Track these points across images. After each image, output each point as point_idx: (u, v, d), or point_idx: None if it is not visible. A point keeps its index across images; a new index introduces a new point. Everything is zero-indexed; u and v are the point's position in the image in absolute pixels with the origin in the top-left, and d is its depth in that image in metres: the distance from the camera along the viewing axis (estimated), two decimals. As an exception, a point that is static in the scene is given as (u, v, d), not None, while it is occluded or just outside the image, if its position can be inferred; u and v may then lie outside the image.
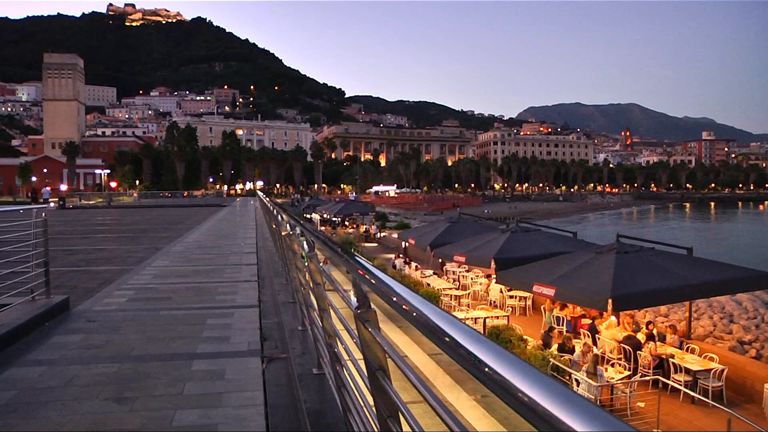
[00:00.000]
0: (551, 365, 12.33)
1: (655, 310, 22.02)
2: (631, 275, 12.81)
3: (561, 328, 17.21)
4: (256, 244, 19.79)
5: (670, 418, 11.66)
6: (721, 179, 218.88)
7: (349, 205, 61.03)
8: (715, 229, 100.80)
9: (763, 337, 19.91)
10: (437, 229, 25.42)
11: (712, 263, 15.16)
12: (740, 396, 13.23)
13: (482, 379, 1.14)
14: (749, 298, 24.71)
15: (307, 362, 6.00)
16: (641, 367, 13.90)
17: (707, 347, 15.41)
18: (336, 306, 3.96)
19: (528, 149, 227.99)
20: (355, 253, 2.97)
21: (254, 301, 9.81)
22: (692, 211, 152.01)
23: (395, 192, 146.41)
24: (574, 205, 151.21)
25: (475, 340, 1.27)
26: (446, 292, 21.82)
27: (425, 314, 1.58)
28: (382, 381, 2.13)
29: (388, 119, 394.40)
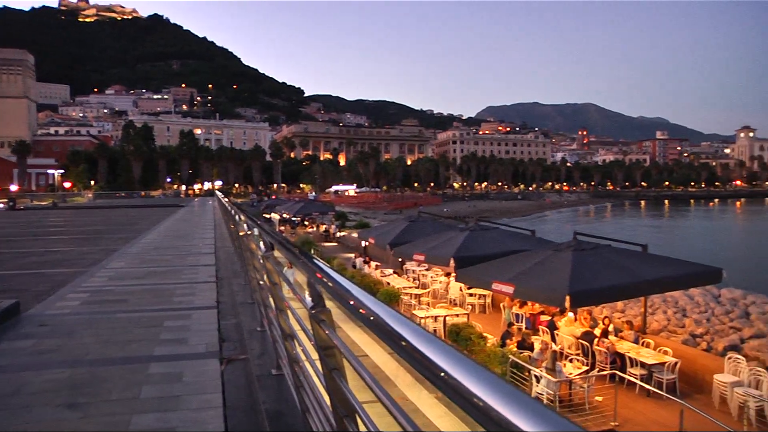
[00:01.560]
0: (511, 362, 12.45)
1: (611, 306, 22.40)
2: (588, 272, 13.00)
3: (520, 325, 17.40)
4: (214, 244, 19.57)
5: (627, 411, 11.89)
6: (674, 177, 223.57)
7: (308, 204, 60.92)
8: (669, 226, 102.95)
9: (713, 330, 20.42)
10: (397, 228, 25.47)
11: (666, 259, 15.48)
12: (692, 387, 13.59)
13: (438, 383, 1.14)
14: (701, 292, 25.28)
15: (266, 363, 5.96)
16: (598, 362, 14.13)
17: (661, 341, 15.74)
18: (293, 306, 3.93)
19: (487, 148, 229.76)
20: (312, 255, 2.95)
21: (212, 302, 9.69)
22: (647, 208, 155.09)
23: (355, 191, 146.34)
24: (532, 203, 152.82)
25: (431, 344, 1.26)
26: (406, 291, 21.88)
27: (382, 318, 1.57)
28: (337, 381, 2.12)
29: (347, 118, 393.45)
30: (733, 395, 12.08)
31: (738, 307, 23.52)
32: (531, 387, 11.94)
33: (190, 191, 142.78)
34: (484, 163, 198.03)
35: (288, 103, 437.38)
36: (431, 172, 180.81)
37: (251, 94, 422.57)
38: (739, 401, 11.90)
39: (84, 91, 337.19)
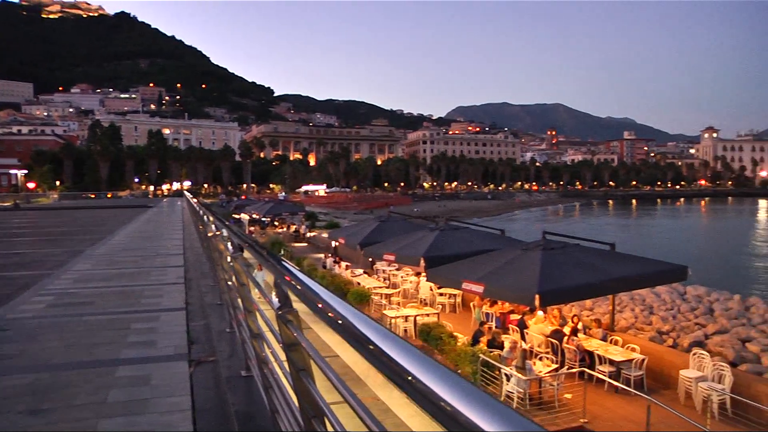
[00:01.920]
0: (481, 361, 12.50)
1: (580, 304, 22.63)
2: (557, 271, 13.11)
3: (490, 324, 17.47)
4: (183, 245, 19.36)
5: (596, 408, 12.03)
6: (641, 177, 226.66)
7: (278, 205, 60.64)
8: (637, 225, 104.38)
9: (679, 327, 20.75)
10: (367, 228, 25.46)
11: (633, 258, 15.68)
12: (659, 383, 13.85)
13: (405, 387, 1.13)
14: (667, 290, 25.69)
15: (235, 364, 5.91)
16: (568, 360, 14.27)
17: (629, 338, 15.96)
18: (262, 307, 3.90)
19: (457, 148, 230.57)
20: (280, 257, 2.92)
21: (181, 303, 9.58)
22: (615, 208, 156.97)
23: (325, 191, 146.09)
24: (501, 203, 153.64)
25: (399, 348, 1.25)
26: (376, 290, 21.88)
27: (350, 321, 1.55)
28: (305, 381, 2.10)
29: (317, 118, 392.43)
30: (698, 390, 12.35)
31: (703, 304, 23.95)
32: (501, 385, 12.00)
33: (158, 192, 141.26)
34: (454, 163, 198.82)
35: (257, 103, 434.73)
36: (401, 172, 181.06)
37: (220, 93, 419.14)
38: (703, 395, 12.17)
39: (48, 89, 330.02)
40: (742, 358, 16.96)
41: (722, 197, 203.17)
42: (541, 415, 11.67)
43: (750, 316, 22.15)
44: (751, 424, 11.07)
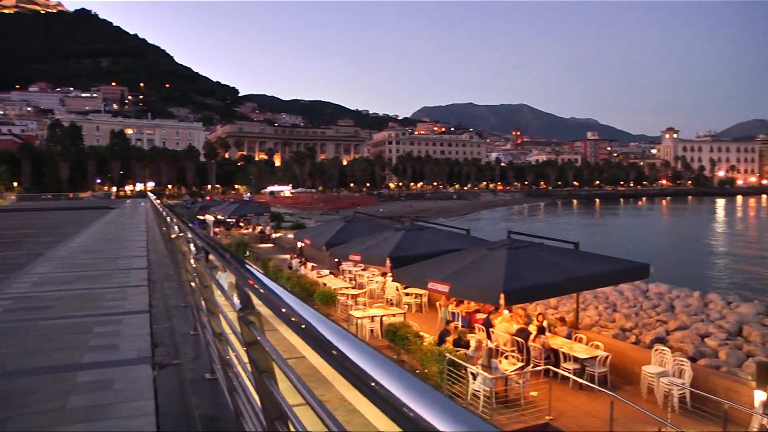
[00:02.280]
0: (447, 360, 12.55)
1: (545, 303, 22.87)
2: (521, 270, 13.22)
3: (456, 324, 17.55)
4: (146, 247, 19.11)
5: (561, 405, 12.17)
6: (605, 177, 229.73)
7: (243, 205, 60.13)
8: (600, 224, 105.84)
9: (642, 324, 21.11)
10: (333, 228, 25.39)
11: (596, 257, 15.88)
12: (622, 379, 14.10)
13: (368, 393, 1.12)
14: (630, 288, 26.11)
15: (199, 367, 5.85)
16: (533, 358, 14.41)
17: (593, 336, 16.18)
18: (225, 309, 3.86)
19: (422, 148, 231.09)
20: (243, 258, 2.89)
21: (144, 306, 9.45)
22: (579, 207, 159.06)
23: (290, 192, 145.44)
24: (467, 203, 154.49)
25: (362, 352, 1.24)
26: (342, 291, 21.84)
27: (313, 326, 1.54)
28: (267, 383, 2.08)
29: (282, 118, 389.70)
30: (659, 385, 12.62)
31: (664, 301, 24.39)
32: (468, 384, 12.07)
33: (121, 193, 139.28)
34: (420, 163, 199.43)
35: (222, 103, 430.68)
36: (367, 172, 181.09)
37: (184, 93, 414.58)
38: (665, 390, 12.44)
39: (4, 87, 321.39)
40: (701, 353, 17.33)
41: (682, 196, 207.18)
42: (508, 413, 11.76)
43: (708, 312, 22.62)
44: (708, 417, 11.33)
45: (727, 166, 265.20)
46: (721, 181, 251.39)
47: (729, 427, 10.58)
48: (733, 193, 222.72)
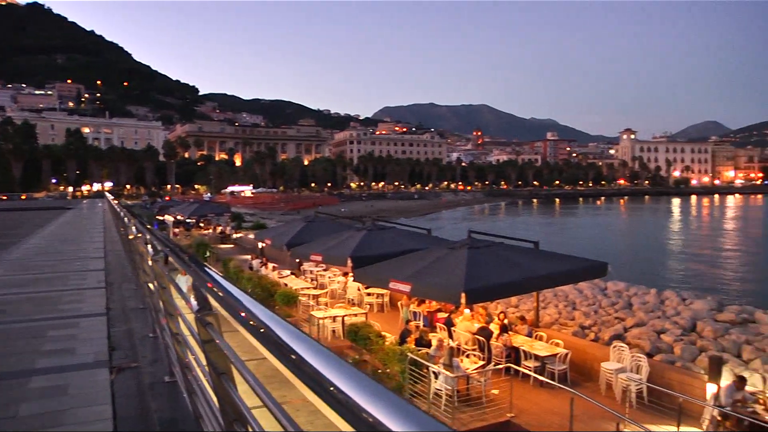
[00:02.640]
0: (409, 360, 12.58)
1: (506, 302, 23.05)
2: (482, 269, 13.31)
3: (418, 323, 17.60)
4: (104, 248, 18.78)
5: (522, 402, 12.31)
6: (564, 177, 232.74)
7: (203, 205, 59.45)
8: (560, 223, 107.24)
9: (600, 321, 21.42)
10: (294, 228, 25.24)
11: (556, 255, 16.07)
12: (581, 376, 14.34)
13: (326, 398, 1.11)
14: (589, 286, 26.48)
15: (158, 370, 5.77)
16: (494, 356, 14.54)
17: (553, 334, 16.38)
18: (184, 311, 3.80)
19: (384, 148, 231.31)
20: (199, 260, 2.85)
21: (102, 308, 9.27)
22: (539, 206, 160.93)
23: (251, 192, 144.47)
24: (428, 202, 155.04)
25: (322, 357, 1.23)
26: (304, 291, 21.77)
27: (270, 327, 1.52)
28: (226, 385, 2.06)
29: (243, 118, 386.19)
30: (617, 381, 12.89)
31: (622, 299, 24.80)
32: (430, 383, 12.11)
33: (77, 193, 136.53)
34: (381, 163, 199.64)
35: (182, 102, 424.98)
36: (328, 172, 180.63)
37: (143, 91, 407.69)
38: (623, 386, 12.70)
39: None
40: (658, 349, 17.68)
41: (640, 196, 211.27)
42: (469, 411, 11.83)
43: (664, 309, 23.06)
44: (664, 410, 11.61)
45: (682, 166, 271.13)
46: (677, 181, 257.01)
47: (683, 420, 10.84)
48: (688, 193, 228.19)
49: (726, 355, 16.81)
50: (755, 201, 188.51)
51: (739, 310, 22.30)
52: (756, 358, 16.70)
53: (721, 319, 21.36)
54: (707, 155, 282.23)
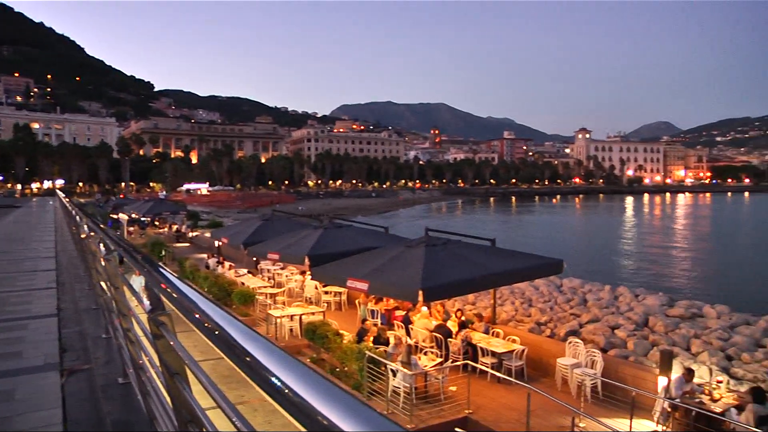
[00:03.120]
0: (367, 358, 12.58)
1: (463, 299, 23.25)
2: (439, 267, 13.38)
3: (376, 321, 17.62)
4: (55, 248, 18.32)
5: (480, 398, 12.41)
6: (520, 175, 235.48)
7: (158, 204, 58.46)
8: (516, 221, 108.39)
9: (556, 318, 21.76)
10: (251, 227, 25.02)
11: (513, 253, 16.23)
12: (538, 371, 14.55)
13: (278, 399, 1.09)
14: (545, 283, 26.86)
15: (112, 372, 5.63)
16: (452, 353, 14.63)
17: (510, 330, 16.58)
18: (137, 311, 3.72)
19: (341, 146, 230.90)
20: (152, 259, 2.79)
21: (52, 309, 9.03)
22: (496, 204, 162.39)
23: (207, 190, 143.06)
24: (386, 200, 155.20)
25: (274, 357, 1.21)
26: (261, 290, 21.60)
27: (225, 329, 1.49)
28: (180, 386, 2.01)
29: (199, 115, 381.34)
30: (573, 376, 13.11)
31: (577, 295, 25.22)
32: (388, 381, 12.12)
33: (27, 191, 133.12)
34: (339, 161, 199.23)
35: (136, 98, 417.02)
36: (286, 170, 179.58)
37: (96, 87, 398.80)
38: (578, 380, 12.93)
39: None
40: (612, 344, 18.06)
41: (594, 194, 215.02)
42: (427, 408, 11.88)
43: (618, 305, 23.54)
44: (618, 404, 11.87)
45: (636, 165, 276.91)
46: (630, 179, 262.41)
47: (636, 413, 11.07)
48: (641, 192, 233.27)
49: (676, 348, 17.27)
50: (704, 199, 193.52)
51: (688, 305, 22.89)
52: (703, 351, 17.20)
53: (671, 314, 21.89)
54: (659, 155, 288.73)
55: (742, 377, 15.32)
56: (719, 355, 16.87)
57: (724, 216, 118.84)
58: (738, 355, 17.10)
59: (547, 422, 11.31)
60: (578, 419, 10.75)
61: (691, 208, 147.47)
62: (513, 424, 11.31)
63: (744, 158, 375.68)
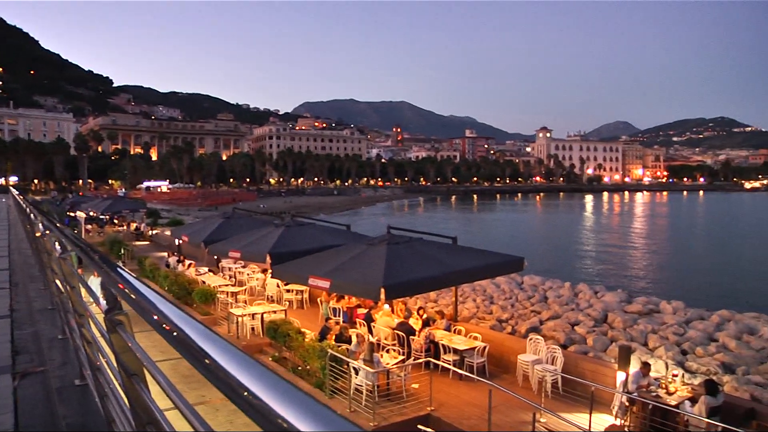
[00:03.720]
0: (329, 356, 12.55)
1: (425, 297, 23.34)
2: (401, 265, 13.40)
3: (338, 319, 17.60)
4: (8, 246, 17.88)
5: (442, 395, 12.48)
6: (482, 173, 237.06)
7: (117, 201, 57.39)
8: (478, 219, 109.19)
9: (517, 315, 21.98)
10: (211, 225, 24.75)
11: (474, 250, 16.34)
12: (499, 368, 14.72)
13: (238, 402, 1.07)
14: (506, 280, 27.09)
15: (68, 373, 5.49)
16: (414, 351, 14.68)
17: (472, 327, 16.71)
18: (94, 311, 3.64)
19: (303, 144, 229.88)
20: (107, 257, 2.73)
21: (5, 310, 8.79)
22: (457, 203, 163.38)
23: (168, 187, 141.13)
24: (348, 198, 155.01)
25: (237, 362, 1.18)
26: (222, 289, 21.40)
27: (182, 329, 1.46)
28: (137, 387, 1.98)
29: (159, 111, 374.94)
30: (534, 372, 13.28)
31: (538, 293, 25.50)
32: (350, 379, 12.11)
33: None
34: (301, 159, 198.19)
35: (95, 93, 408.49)
36: (247, 167, 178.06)
37: (52, 81, 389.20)
38: (539, 377, 13.10)
39: None
40: (572, 340, 18.32)
41: (555, 192, 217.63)
42: (390, 406, 11.90)
43: (578, 301, 23.89)
44: (578, 399, 12.06)
45: (595, 164, 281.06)
46: (590, 178, 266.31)
47: (595, 407, 11.25)
48: (600, 190, 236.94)
49: (634, 344, 17.58)
50: (661, 198, 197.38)
51: (646, 302, 23.33)
52: (660, 345, 17.56)
53: (630, 310, 22.28)
54: (618, 154, 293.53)
55: (696, 370, 15.67)
56: (675, 349, 17.23)
57: (680, 214, 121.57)
58: (692, 349, 17.50)
59: (508, 418, 11.43)
60: (539, 414, 10.88)
61: (649, 207, 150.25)
62: (475, 420, 11.40)
63: (699, 158, 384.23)
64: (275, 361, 15.17)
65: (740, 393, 13.65)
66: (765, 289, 37.41)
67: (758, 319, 20.84)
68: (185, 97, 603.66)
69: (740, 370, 15.64)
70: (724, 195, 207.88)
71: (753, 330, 19.21)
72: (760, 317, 21.26)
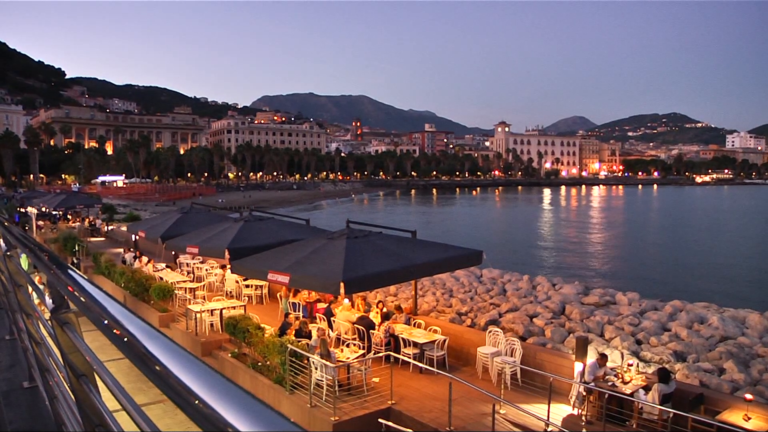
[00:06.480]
0: (289, 351, 12.47)
1: (385, 291, 23.38)
2: (361, 259, 13.39)
3: (298, 314, 17.51)
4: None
5: (403, 389, 12.53)
6: (441, 168, 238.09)
7: (71, 196, 56.28)
8: (437, 212, 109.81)
9: (477, 308, 22.13)
10: (169, 220, 24.42)
11: (433, 244, 16.40)
12: (459, 360, 14.83)
13: (190, 412, 1.02)
14: (465, 273, 27.26)
15: (16, 376, 5.31)
16: (374, 345, 14.68)
17: (431, 321, 16.78)
18: (41, 310, 3.53)
19: (262, 138, 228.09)
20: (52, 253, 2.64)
21: (-54, 312, 8.50)
22: (417, 196, 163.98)
23: (124, 182, 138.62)
24: (307, 192, 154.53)
25: (189, 368, 1.14)
26: (180, 285, 21.14)
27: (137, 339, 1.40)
28: (86, 388, 1.91)
29: (115, 104, 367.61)
30: (493, 364, 13.42)
31: (497, 285, 25.72)
32: (311, 374, 12.06)
33: None
34: (260, 153, 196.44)
35: (46, 85, 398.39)
36: (205, 161, 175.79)
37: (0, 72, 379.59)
38: (498, 368, 13.25)
39: None
40: (530, 332, 18.53)
41: (513, 186, 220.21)
42: (351, 400, 11.89)
43: (536, 294, 24.15)
44: (537, 390, 12.24)
45: (553, 158, 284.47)
46: (548, 172, 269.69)
47: (554, 398, 11.42)
48: (558, 184, 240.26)
49: (591, 335, 17.87)
50: (617, 191, 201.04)
51: (602, 293, 23.71)
52: (616, 336, 17.88)
53: (587, 302, 22.63)
54: (575, 148, 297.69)
55: (650, 360, 16.01)
56: (630, 339, 17.56)
57: (635, 208, 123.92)
58: (647, 339, 17.87)
59: (468, 410, 11.51)
60: (499, 406, 10.96)
61: (605, 200, 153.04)
62: (436, 413, 11.45)
63: (653, 152, 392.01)
64: (234, 357, 15.03)
65: (690, 380, 14.01)
66: (714, 279, 38.48)
67: (708, 309, 21.37)
68: (142, 90, 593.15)
69: (691, 358, 16.04)
70: (677, 189, 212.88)
71: (703, 319, 19.68)
72: (709, 307, 21.80)
